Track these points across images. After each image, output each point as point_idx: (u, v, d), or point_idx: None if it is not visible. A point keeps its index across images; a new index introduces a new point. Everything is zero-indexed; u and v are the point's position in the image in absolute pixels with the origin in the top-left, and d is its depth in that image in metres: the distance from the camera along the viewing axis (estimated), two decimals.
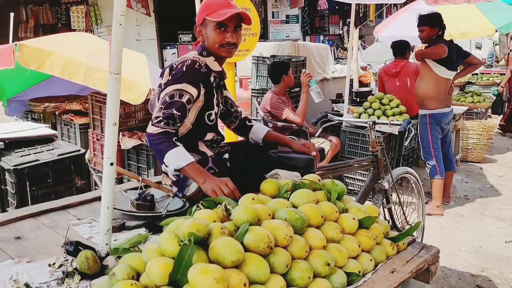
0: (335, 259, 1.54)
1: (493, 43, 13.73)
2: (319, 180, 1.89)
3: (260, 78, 5.59)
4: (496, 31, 6.12)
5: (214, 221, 1.51)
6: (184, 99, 2.08)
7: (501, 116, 8.07)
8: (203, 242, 1.37)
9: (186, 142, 2.20)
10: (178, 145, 2.02)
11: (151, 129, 2.05)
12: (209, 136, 2.33)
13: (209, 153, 2.30)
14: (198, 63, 2.17)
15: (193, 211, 1.61)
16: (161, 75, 2.26)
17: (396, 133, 4.57)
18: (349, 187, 5.04)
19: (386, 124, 3.07)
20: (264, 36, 12.61)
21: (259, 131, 2.53)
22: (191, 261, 1.26)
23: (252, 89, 5.67)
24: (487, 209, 4.77)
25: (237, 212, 1.49)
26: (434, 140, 4.65)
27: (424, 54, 4.59)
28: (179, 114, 2.06)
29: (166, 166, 2.01)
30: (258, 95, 5.51)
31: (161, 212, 2.06)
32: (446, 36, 6.37)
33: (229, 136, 3.71)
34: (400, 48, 5.69)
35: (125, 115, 4.29)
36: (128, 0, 11.66)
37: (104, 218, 1.69)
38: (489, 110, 7.53)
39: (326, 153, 4.85)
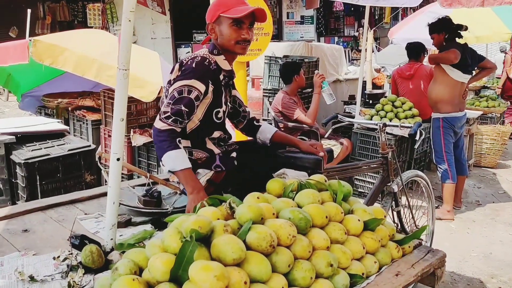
0: (338, 260, 1.53)
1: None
2: (326, 181, 1.88)
3: (272, 78, 5.59)
4: None
5: (218, 219, 1.51)
6: (193, 95, 2.08)
7: None
8: (205, 239, 1.38)
9: (194, 138, 2.20)
10: (180, 148, 2.02)
11: (158, 124, 2.05)
12: (216, 134, 2.33)
13: (216, 150, 2.30)
14: (208, 60, 2.17)
15: (197, 208, 1.61)
16: (171, 71, 2.27)
17: (407, 135, 4.52)
18: (359, 189, 5.01)
19: (397, 126, 3.04)
20: (278, 37, 12.62)
21: (266, 131, 2.52)
22: (192, 257, 1.26)
23: (264, 89, 5.66)
24: (499, 215, 4.71)
25: (240, 210, 1.49)
26: (447, 144, 4.60)
27: (436, 59, 4.58)
28: (187, 110, 2.06)
29: (163, 165, 2.02)
30: (270, 95, 5.50)
31: (167, 208, 2.07)
32: (461, 40, 6.32)
33: (239, 135, 3.71)
34: (415, 50, 5.63)
35: (136, 112, 4.32)
36: None
37: (110, 213, 1.70)
38: (504, 115, 7.43)
39: (336, 155, 4.82)
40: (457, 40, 4.64)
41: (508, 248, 3.99)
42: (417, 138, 3.89)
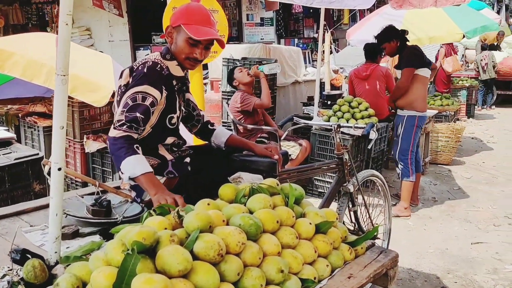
0: (289, 265, 1.51)
1: (464, 47, 14.05)
2: (278, 184, 1.86)
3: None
4: (464, 36, 6.21)
5: (166, 228, 1.46)
6: (148, 102, 2.02)
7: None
8: (151, 251, 1.33)
9: (145, 145, 2.14)
10: (138, 153, 1.95)
11: (113, 132, 1.97)
12: (170, 140, 2.28)
13: (169, 157, 2.25)
14: (159, 65, 2.12)
15: (144, 218, 1.56)
16: (120, 77, 2.20)
17: (360, 135, 4.62)
18: (319, 189, 5.04)
19: (351, 127, 3.06)
20: (238, 39, 12.60)
21: (221, 135, 2.50)
22: (135, 270, 1.21)
23: (222, 92, 5.63)
24: (454, 211, 4.84)
25: (188, 219, 1.45)
26: (415, 143, 4.71)
27: (399, 91, 4.71)
28: (143, 117, 2.00)
29: (122, 173, 1.93)
30: (228, 97, 5.46)
31: (116, 218, 2.00)
32: (415, 41, 6.47)
33: (197, 139, 3.66)
34: (371, 51, 5.72)
35: (89, 118, 4.20)
36: (100, 1, 11.49)
37: (53, 225, 1.62)
38: (458, 113, 7.68)
39: (296, 156, 4.84)
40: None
41: (463, 243, 4.10)
42: (374, 137, 3.96)
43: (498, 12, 12.33)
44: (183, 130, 2.53)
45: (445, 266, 3.70)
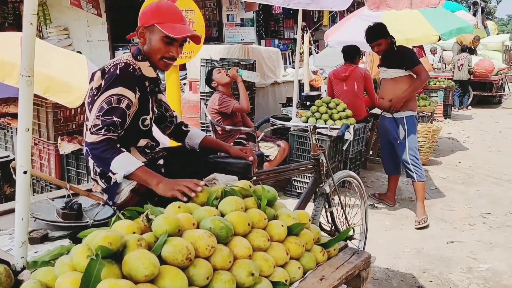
0: (260, 268, 1.50)
1: (441, 48, 14.27)
2: (250, 186, 1.85)
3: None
4: (440, 38, 6.30)
5: (134, 232, 1.44)
6: (123, 105, 1.97)
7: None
8: (118, 255, 1.30)
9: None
10: (123, 151, 1.92)
11: (91, 138, 1.91)
12: (143, 142, 2.25)
13: (141, 159, 2.21)
14: (132, 66, 2.08)
15: (112, 222, 1.53)
16: (91, 79, 2.16)
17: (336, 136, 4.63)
18: (298, 190, 5.05)
19: (326, 128, 3.07)
20: (219, 39, 12.56)
21: (195, 136, 2.47)
22: (99, 276, 1.18)
23: (201, 92, 5.60)
24: (430, 211, 4.89)
25: (156, 223, 1.42)
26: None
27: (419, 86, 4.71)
28: (120, 121, 1.95)
29: (114, 174, 1.90)
30: (207, 98, 5.43)
31: (87, 222, 1.96)
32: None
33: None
34: (350, 53, 5.77)
35: (64, 119, 4.12)
36: (78, 0, 11.33)
37: (19, 230, 1.58)
38: (434, 114, 7.79)
39: (274, 157, 4.84)
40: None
41: (439, 242, 4.15)
42: (349, 138, 3.98)
43: (474, 15, 12.55)
44: (158, 132, 2.50)
45: (421, 265, 3.73)
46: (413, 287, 3.43)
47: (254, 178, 2.70)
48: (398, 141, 4.61)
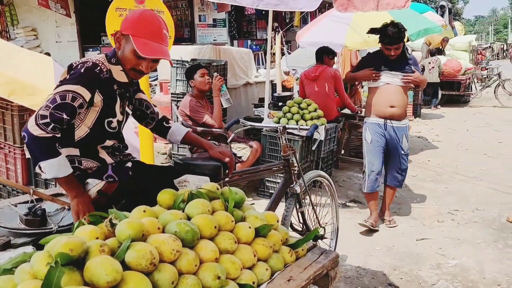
0: (227, 271, 1.49)
1: (411, 49, 14.53)
2: (218, 189, 1.84)
3: (180, 82, 5.48)
4: (408, 39, 6.40)
5: (97, 238, 1.41)
6: (77, 103, 1.94)
7: None
8: (80, 262, 1.28)
9: (83, 146, 2.10)
10: (60, 154, 1.91)
11: (35, 130, 1.85)
12: (109, 142, 2.21)
13: (109, 160, 2.18)
14: (99, 68, 2.05)
15: (75, 227, 1.50)
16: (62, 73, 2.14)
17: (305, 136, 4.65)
18: (270, 191, 5.06)
19: (296, 129, 3.09)
20: (191, 40, 12.49)
21: (177, 133, 2.48)
22: (59, 284, 1.15)
23: (172, 93, 5.55)
24: (401, 209, 4.97)
25: (120, 227, 1.40)
26: None
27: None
28: (68, 118, 1.92)
29: (42, 171, 1.90)
30: (178, 99, 5.40)
31: (51, 228, 1.92)
32: (362, 44, 6.62)
33: (143, 149, 3.59)
34: (321, 54, 5.83)
35: None
36: (46, 0, 11.09)
37: None
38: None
39: (247, 158, 4.84)
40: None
41: (408, 240, 4.22)
42: (319, 138, 4.01)
43: (442, 16, 12.83)
44: (129, 134, 2.48)
45: (392, 262, 3.78)
46: (384, 284, 3.48)
47: (227, 179, 2.71)
48: (403, 152, 4.38)
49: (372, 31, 4.39)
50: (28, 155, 3.92)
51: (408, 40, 6.56)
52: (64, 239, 1.28)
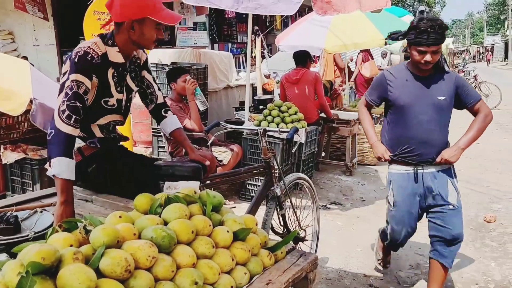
0: (205, 276, 1.47)
1: (389, 52, 14.72)
2: (195, 193, 1.83)
3: (159, 86, 5.43)
4: (386, 43, 6.49)
5: (71, 245, 1.38)
6: (81, 90, 2.07)
7: None
8: (53, 271, 1.25)
9: (80, 122, 2.15)
10: (73, 158, 2.00)
11: (60, 124, 1.99)
12: (103, 121, 2.31)
13: (98, 134, 2.32)
14: (90, 55, 2.13)
15: (48, 234, 1.47)
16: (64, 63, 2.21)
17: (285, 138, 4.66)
18: (252, 194, 5.05)
19: (276, 131, 3.09)
20: (171, 43, 12.42)
21: (168, 126, 2.60)
22: None
23: None
24: (381, 210, 4.99)
25: (94, 234, 1.37)
26: None
27: None
28: (81, 105, 2.06)
29: (49, 167, 1.95)
30: None
31: (27, 235, 1.87)
32: (341, 47, 6.69)
33: None
34: (301, 57, 5.86)
35: (6, 127, 3.96)
36: (23, 4, 10.92)
37: None
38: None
39: (228, 161, 4.82)
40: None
41: None
42: (299, 141, 4.01)
43: None
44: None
45: (372, 264, 3.81)
46: (365, 285, 3.50)
47: (208, 182, 2.72)
48: (450, 206, 2.97)
49: (394, 35, 3.18)
50: (4, 161, 3.85)
51: (386, 44, 6.66)
52: (36, 247, 1.25)
